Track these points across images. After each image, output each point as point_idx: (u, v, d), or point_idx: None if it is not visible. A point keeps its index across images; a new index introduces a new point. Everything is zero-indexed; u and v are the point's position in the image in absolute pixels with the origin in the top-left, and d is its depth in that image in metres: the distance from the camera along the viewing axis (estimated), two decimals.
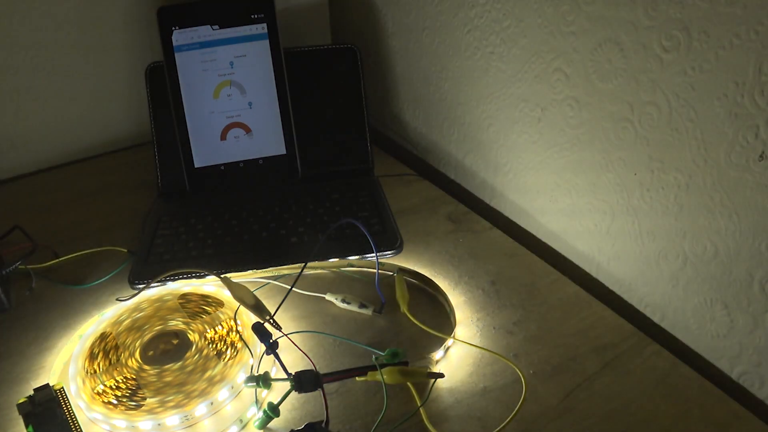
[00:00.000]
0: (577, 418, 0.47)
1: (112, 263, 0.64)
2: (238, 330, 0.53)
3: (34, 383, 0.50)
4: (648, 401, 0.49)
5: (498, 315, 0.57)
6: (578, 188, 0.62)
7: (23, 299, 0.60)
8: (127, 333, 0.53)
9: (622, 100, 0.54)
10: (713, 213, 0.50)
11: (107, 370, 0.50)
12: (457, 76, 0.73)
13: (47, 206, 0.75)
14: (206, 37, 0.70)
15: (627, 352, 0.53)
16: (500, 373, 0.51)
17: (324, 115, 0.77)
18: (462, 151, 0.78)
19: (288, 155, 0.74)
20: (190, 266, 0.62)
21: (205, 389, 0.48)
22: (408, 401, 0.49)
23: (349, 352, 0.54)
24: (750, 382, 0.51)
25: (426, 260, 0.64)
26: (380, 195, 0.73)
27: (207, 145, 0.72)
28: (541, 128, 0.64)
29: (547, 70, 0.60)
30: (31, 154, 0.83)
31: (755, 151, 0.45)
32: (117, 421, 0.46)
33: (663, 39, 0.49)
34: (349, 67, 0.77)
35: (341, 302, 0.58)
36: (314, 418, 0.47)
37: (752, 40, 0.43)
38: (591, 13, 0.54)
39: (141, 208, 0.73)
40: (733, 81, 0.45)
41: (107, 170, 0.83)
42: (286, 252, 0.64)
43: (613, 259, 0.61)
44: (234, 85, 0.71)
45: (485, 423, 0.47)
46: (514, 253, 0.65)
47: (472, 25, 0.68)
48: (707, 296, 0.53)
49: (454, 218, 0.71)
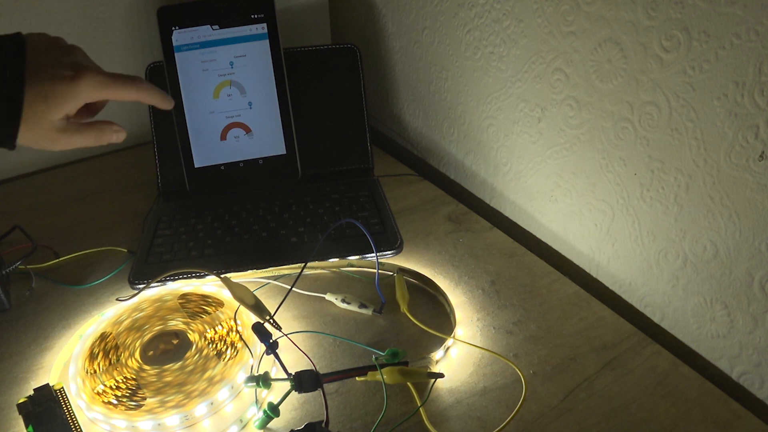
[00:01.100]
0: (577, 418, 0.47)
1: (112, 263, 0.64)
2: (238, 330, 0.53)
3: (34, 383, 0.50)
4: (648, 401, 0.49)
5: (498, 315, 0.57)
6: (578, 188, 0.62)
7: (23, 299, 0.60)
8: (127, 333, 0.53)
9: (622, 100, 0.54)
10: (713, 213, 0.50)
11: (107, 370, 0.50)
12: (457, 76, 0.73)
13: (47, 206, 0.75)
14: (206, 37, 0.70)
15: (627, 352, 0.53)
16: (500, 373, 0.51)
17: (324, 115, 0.77)
18: (462, 151, 0.78)
19: (288, 155, 0.74)
20: (190, 266, 0.62)
21: (205, 389, 0.48)
22: (408, 401, 0.49)
23: (349, 352, 0.54)
24: (750, 382, 0.51)
25: (426, 260, 0.64)
26: (380, 195, 0.73)
27: (207, 145, 0.72)
28: (541, 128, 0.64)
29: (547, 70, 0.60)
30: (31, 154, 0.83)
31: (755, 151, 0.45)
32: (117, 421, 0.46)
33: (663, 39, 0.49)
34: (349, 67, 0.77)
35: (341, 302, 0.58)
36: (314, 418, 0.47)
37: (752, 40, 0.43)
38: (591, 13, 0.54)
39: (141, 208, 0.73)
40: (733, 81, 0.45)
41: (107, 170, 0.83)
42: (286, 252, 0.64)
43: (613, 259, 0.61)
44: (234, 85, 0.71)
45: (485, 423, 0.47)
46: (514, 253, 0.65)
47: (472, 25, 0.68)
48: (707, 296, 0.53)
49: (454, 218, 0.71)
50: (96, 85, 0.48)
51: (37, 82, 0.45)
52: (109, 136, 0.53)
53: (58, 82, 0.46)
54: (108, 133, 0.53)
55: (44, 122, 0.46)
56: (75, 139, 0.50)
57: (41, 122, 0.46)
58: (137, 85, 0.51)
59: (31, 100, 0.44)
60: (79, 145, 0.50)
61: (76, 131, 0.50)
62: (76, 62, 0.48)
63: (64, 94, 0.46)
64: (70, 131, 0.49)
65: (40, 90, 0.45)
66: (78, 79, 0.46)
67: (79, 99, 0.47)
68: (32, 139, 0.47)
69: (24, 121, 0.44)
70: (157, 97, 0.53)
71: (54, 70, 0.46)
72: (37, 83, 0.45)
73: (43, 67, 0.45)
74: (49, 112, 0.46)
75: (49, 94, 0.45)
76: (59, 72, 0.46)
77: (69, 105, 0.47)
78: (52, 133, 0.48)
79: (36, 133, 0.46)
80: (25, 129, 0.45)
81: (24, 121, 0.44)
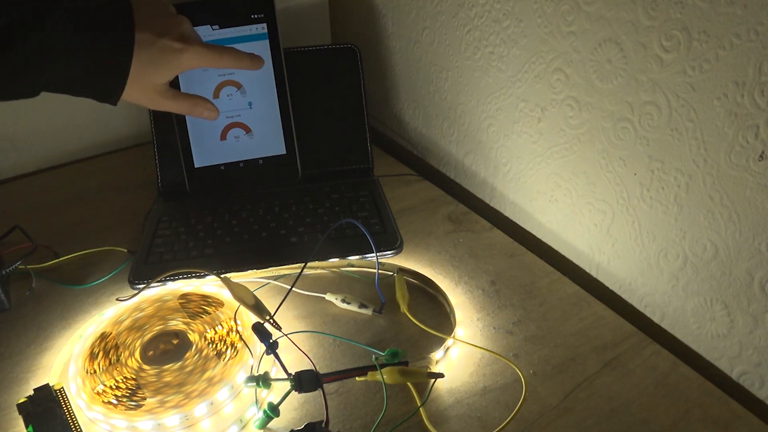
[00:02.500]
0: (577, 418, 0.47)
1: (112, 263, 0.64)
2: (238, 330, 0.53)
3: (34, 383, 0.50)
4: (648, 401, 0.49)
5: (498, 315, 0.57)
6: (578, 188, 0.62)
7: (23, 299, 0.60)
8: (128, 333, 0.53)
9: (622, 100, 0.54)
10: (713, 213, 0.50)
11: (107, 370, 0.50)
12: (457, 76, 0.73)
13: (47, 206, 0.75)
14: (206, 37, 0.70)
15: (627, 352, 0.53)
16: (500, 373, 0.51)
17: (324, 115, 0.77)
18: (462, 151, 0.78)
19: (288, 155, 0.74)
20: (190, 266, 0.62)
21: (205, 389, 0.48)
22: (408, 401, 0.49)
23: (349, 352, 0.54)
24: (750, 382, 0.51)
25: (426, 260, 0.64)
26: (380, 195, 0.73)
27: (207, 145, 0.72)
28: (541, 128, 0.64)
29: (547, 70, 0.60)
30: (31, 154, 0.83)
31: (755, 151, 0.45)
32: (116, 420, 0.46)
33: (663, 39, 0.49)
34: (349, 67, 0.77)
35: (341, 302, 0.58)
36: (314, 418, 0.47)
37: (752, 40, 0.43)
38: (591, 13, 0.54)
39: (141, 208, 0.73)
40: (733, 81, 0.45)
41: (107, 170, 0.83)
42: (286, 252, 0.64)
43: (613, 259, 0.61)
44: (234, 85, 0.71)
45: (485, 423, 0.47)
46: (514, 253, 0.65)
47: (472, 25, 0.68)
48: (707, 296, 0.53)
49: (454, 218, 0.71)
50: (199, 57, 0.52)
51: (147, 48, 0.48)
52: (201, 111, 0.57)
53: (168, 52, 0.49)
54: (200, 109, 0.56)
55: (148, 84, 0.50)
56: (170, 104, 0.54)
57: (145, 84, 0.50)
58: (233, 56, 0.55)
59: (140, 63, 0.47)
60: (172, 110, 0.54)
61: (173, 97, 0.53)
62: (184, 34, 0.51)
63: (170, 63, 0.50)
64: (169, 95, 0.53)
65: (150, 56, 0.48)
66: (185, 52, 0.50)
67: (182, 68, 0.51)
68: (133, 96, 0.50)
69: (129, 81, 0.47)
70: (248, 63, 0.57)
71: (164, 41, 0.49)
72: (147, 49, 0.48)
73: (154, 33, 0.48)
74: (155, 76, 0.50)
75: (157, 61, 0.49)
76: (169, 43, 0.49)
77: (172, 73, 0.51)
78: (153, 94, 0.52)
79: (138, 91, 0.50)
80: (129, 86, 0.48)
81: (129, 81, 0.47)
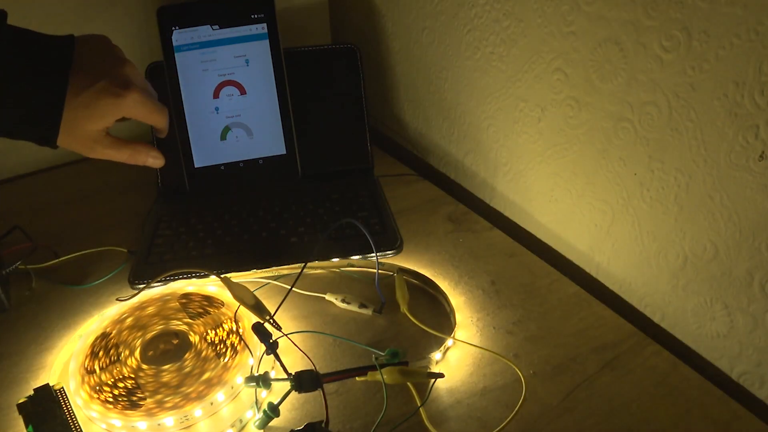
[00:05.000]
0: (577, 418, 0.47)
1: (112, 263, 0.64)
2: (238, 330, 0.53)
3: (34, 383, 0.50)
4: (648, 401, 0.49)
5: (498, 315, 0.57)
6: (578, 188, 0.62)
7: (23, 299, 0.60)
8: (129, 332, 0.53)
9: (622, 100, 0.54)
10: (713, 213, 0.50)
11: (107, 368, 0.50)
12: (457, 76, 0.73)
13: (47, 206, 0.75)
14: (206, 37, 0.70)
15: (627, 352, 0.53)
16: (500, 373, 0.51)
17: (324, 115, 0.77)
18: (462, 151, 0.78)
19: (288, 155, 0.74)
20: (191, 266, 0.62)
21: (205, 389, 0.48)
22: (408, 401, 0.49)
23: (349, 352, 0.54)
24: (750, 382, 0.51)
25: (426, 260, 0.64)
26: (380, 195, 0.73)
27: (207, 145, 0.72)
28: (541, 128, 0.64)
29: (547, 70, 0.60)
30: (31, 154, 0.83)
31: (755, 151, 0.45)
32: (115, 420, 0.46)
33: (663, 39, 0.49)
34: (349, 67, 0.77)
35: (341, 302, 0.58)
36: (314, 418, 0.47)
37: (752, 40, 0.43)
38: (591, 13, 0.54)
39: (141, 208, 0.73)
40: (733, 81, 0.45)
41: (107, 170, 0.83)
42: (286, 252, 0.64)
43: (613, 259, 0.61)
44: (234, 85, 0.71)
45: (485, 423, 0.47)
46: (514, 253, 0.65)
47: (472, 25, 0.68)
48: (707, 296, 0.53)
49: (454, 218, 0.71)
50: (137, 106, 0.49)
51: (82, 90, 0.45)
52: (144, 158, 0.54)
53: (105, 96, 0.46)
54: (143, 156, 0.54)
55: (84, 131, 0.47)
56: (109, 152, 0.51)
57: (77, 131, 0.47)
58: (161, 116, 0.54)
59: (74, 107, 0.45)
60: (112, 158, 0.51)
61: (111, 145, 0.51)
62: (126, 79, 0.48)
63: (106, 108, 0.47)
64: (107, 143, 0.50)
65: (85, 100, 0.45)
66: (124, 98, 0.47)
67: (119, 114, 0.48)
68: (70, 143, 0.48)
69: (63, 126, 0.45)
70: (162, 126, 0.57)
71: (102, 83, 0.46)
72: (82, 92, 0.45)
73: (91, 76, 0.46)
74: (89, 121, 0.47)
75: (92, 104, 0.46)
76: (106, 86, 0.46)
77: (110, 119, 0.48)
78: (89, 142, 0.49)
79: (75, 139, 0.47)
80: (65, 133, 0.45)
81: (63, 126, 0.45)
